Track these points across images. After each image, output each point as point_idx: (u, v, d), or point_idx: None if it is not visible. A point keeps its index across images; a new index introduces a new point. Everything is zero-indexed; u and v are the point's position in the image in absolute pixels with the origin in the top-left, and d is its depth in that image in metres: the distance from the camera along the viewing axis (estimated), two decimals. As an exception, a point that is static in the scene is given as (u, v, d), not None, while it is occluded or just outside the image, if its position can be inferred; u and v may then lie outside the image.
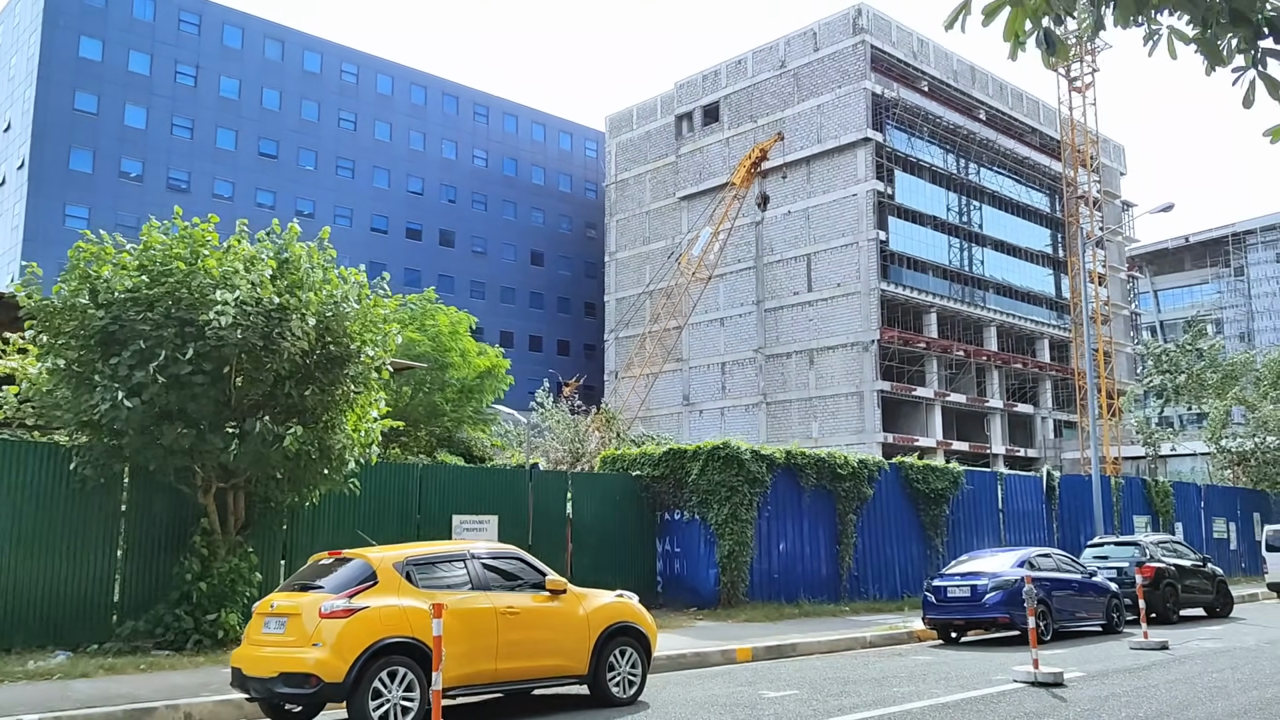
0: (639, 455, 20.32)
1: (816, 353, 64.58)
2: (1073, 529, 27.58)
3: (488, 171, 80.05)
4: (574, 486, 18.76)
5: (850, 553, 21.08)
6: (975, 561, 17.11)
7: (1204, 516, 32.94)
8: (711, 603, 18.80)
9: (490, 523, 17.25)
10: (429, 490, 16.71)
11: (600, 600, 10.24)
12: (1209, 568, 21.40)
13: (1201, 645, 15.36)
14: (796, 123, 66.93)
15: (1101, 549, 20.76)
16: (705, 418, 69.79)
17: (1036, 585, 15.89)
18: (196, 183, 65.34)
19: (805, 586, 20.11)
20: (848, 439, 61.13)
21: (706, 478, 18.96)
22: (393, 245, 73.57)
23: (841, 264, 63.99)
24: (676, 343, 69.09)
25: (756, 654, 14.70)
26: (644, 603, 19.42)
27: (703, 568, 19.12)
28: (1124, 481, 29.90)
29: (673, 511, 19.75)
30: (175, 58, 65.51)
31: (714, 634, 16.08)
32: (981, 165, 71.55)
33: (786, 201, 66.96)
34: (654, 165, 76.37)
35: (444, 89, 78.72)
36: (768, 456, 19.55)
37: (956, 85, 71.20)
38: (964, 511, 23.99)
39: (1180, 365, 39.84)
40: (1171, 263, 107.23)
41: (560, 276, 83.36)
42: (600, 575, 18.53)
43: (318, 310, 12.99)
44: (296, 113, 70.35)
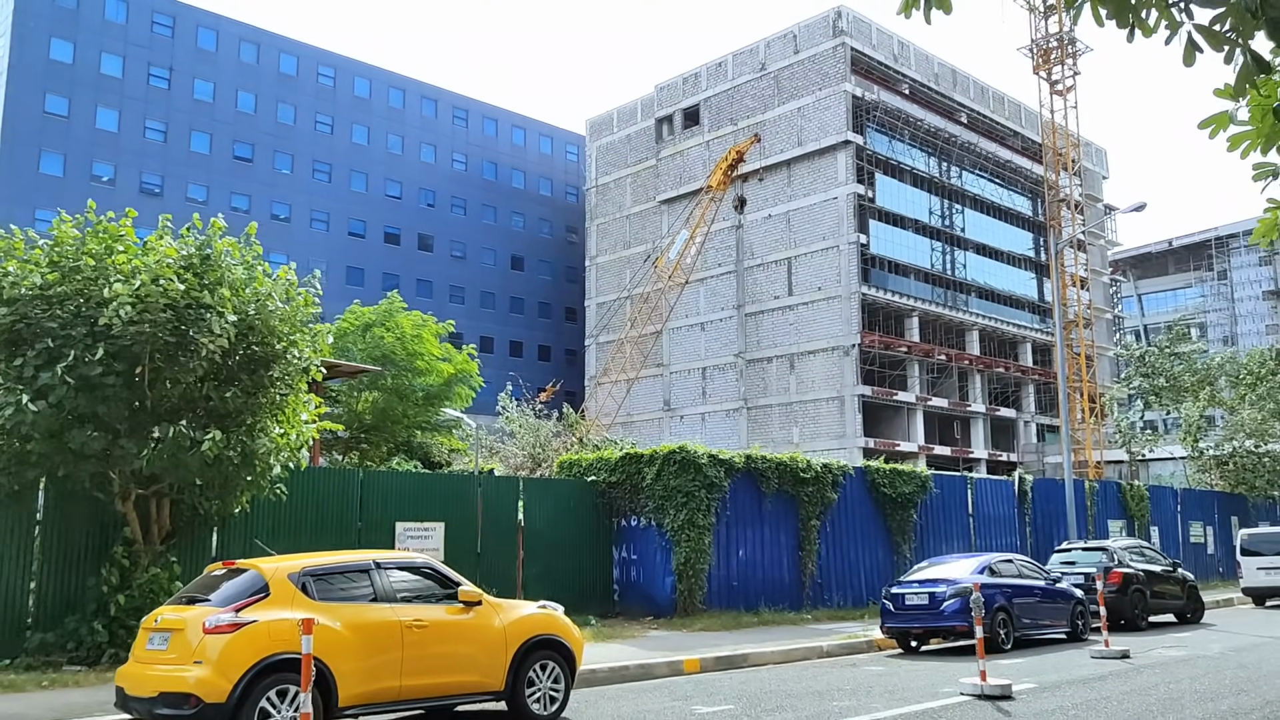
0: (595, 460, 19.79)
1: (797, 357, 64.15)
2: (1046, 534, 27.13)
3: (467, 175, 79.49)
4: (526, 492, 18.21)
5: (813, 559, 20.56)
6: (935, 568, 16.61)
7: (1180, 520, 32.54)
8: (668, 611, 18.26)
9: (436, 530, 16.68)
10: (371, 497, 16.14)
11: (519, 612, 9.69)
12: (1179, 573, 20.95)
13: (1165, 654, 14.88)
14: (777, 125, 66.56)
15: (1069, 554, 20.29)
16: (686, 423, 69.25)
17: (997, 592, 15.45)
18: (170, 186, 64.63)
19: (766, 594, 19.59)
20: (829, 444, 60.69)
21: (662, 483, 18.43)
22: (370, 250, 72.95)
23: (822, 268, 63.61)
24: (654, 348, 68.66)
25: (705, 665, 14.17)
26: (600, 612, 19.08)
27: (659, 575, 18.58)
28: (1098, 485, 29.47)
29: (629, 518, 19.22)
30: (148, 60, 64.83)
31: (665, 644, 15.53)
32: (963, 168, 71.27)
33: (767, 205, 66.58)
34: (634, 169, 75.93)
35: (423, 92, 78.17)
36: (726, 461, 19.03)
37: (938, 88, 70.97)
38: (933, 516, 23.50)
39: (1158, 368, 39.48)
40: (1155, 266, 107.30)
41: (541, 281, 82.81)
42: (552, 583, 18.03)
43: (238, 308, 12.40)
44: (272, 116, 69.70)
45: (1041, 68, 65.83)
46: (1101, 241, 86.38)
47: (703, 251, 64.70)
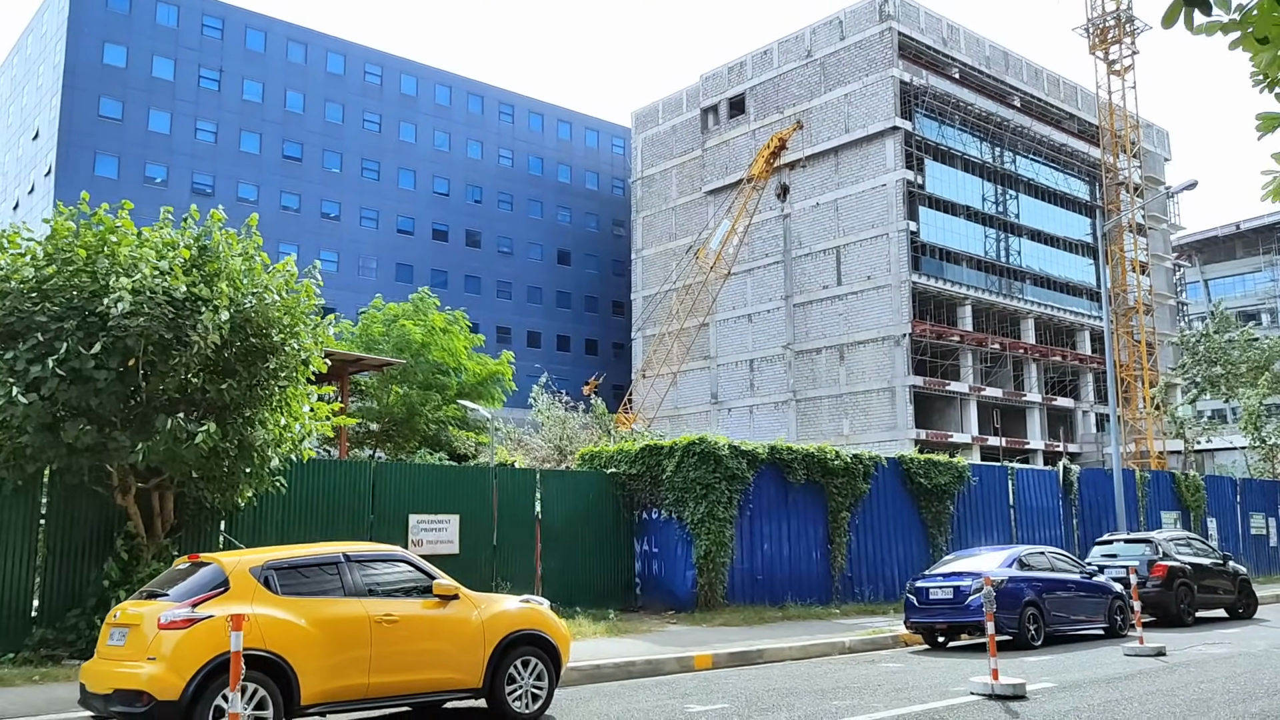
0: (616, 452, 19.43)
1: (847, 348, 63.21)
2: (1094, 526, 26.20)
3: (513, 171, 79.56)
4: (543, 485, 17.90)
5: (843, 552, 20.00)
6: (962, 561, 16.01)
7: (1240, 512, 31.32)
8: (689, 605, 17.86)
9: (450, 523, 16.46)
10: (384, 489, 15.96)
11: (500, 606, 9.37)
12: (1230, 566, 20.04)
13: (1204, 651, 14.15)
14: (824, 113, 65.60)
15: (1111, 547, 19.50)
16: (734, 416, 68.67)
17: (1026, 586, 14.83)
18: (221, 186, 65.49)
19: (793, 588, 19.09)
20: (880, 436, 59.74)
21: (682, 475, 18.02)
22: (418, 246, 73.36)
23: (871, 256, 62.57)
24: (696, 340, 68.16)
25: (718, 661, 13.75)
26: (622, 606, 18.74)
27: (679, 569, 18.19)
28: (1150, 475, 28.44)
29: (650, 510, 18.83)
30: (199, 62, 65.75)
31: (680, 640, 15.14)
32: (1017, 153, 69.66)
33: (815, 193, 65.68)
34: (680, 160, 75.39)
35: (468, 88, 78.38)
36: (749, 452, 18.55)
37: (989, 71, 69.42)
38: (971, 508, 22.78)
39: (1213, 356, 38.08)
40: (1222, 251, 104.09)
41: (588, 275, 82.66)
42: (571, 577, 17.75)
43: (235, 301, 12.22)
44: (320, 115, 70.33)
45: (1098, 47, 63.94)
46: (1164, 225, 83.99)
47: (746, 242, 64.01)
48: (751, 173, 55.99)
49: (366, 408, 24.15)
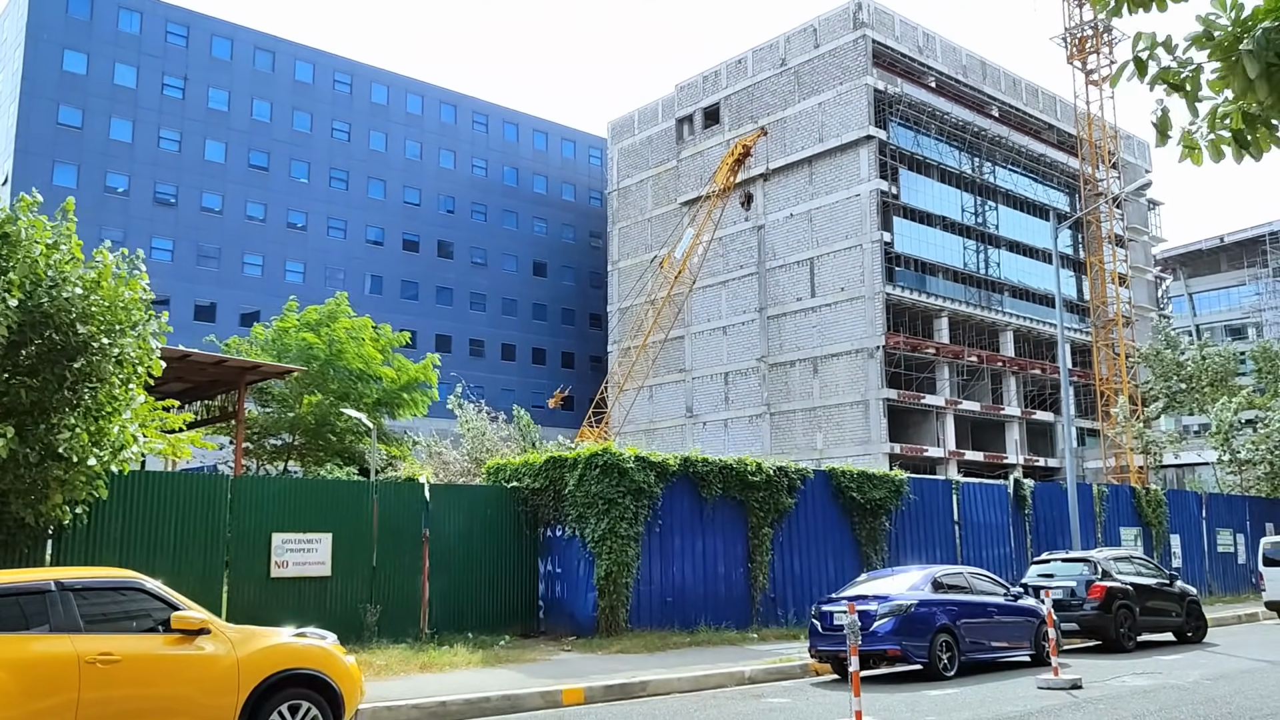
0: (520, 464, 18.14)
1: (820, 360, 62.01)
2: (1049, 543, 24.89)
3: (487, 181, 78.43)
4: (433, 499, 16.60)
5: (765, 572, 18.70)
6: (873, 582, 14.72)
7: (1206, 528, 30.05)
8: (590, 630, 16.54)
9: (321, 542, 15.15)
10: (244, 505, 14.66)
11: (263, 642, 8.06)
12: (1178, 586, 18.75)
13: (1126, 684, 12.84)
14: (798, 122, 64.58)
15: (1048, 566, 18.21)
16: (709, 430, 67.41)
17: (939, 610, 13.54)
18: (184, 196, 64.30)
19: (709, 610, 17.77)
20: (853, 450, 58.47)
21: (584, 489, 16.74)
22: (388, 258, 72.12)
23: (845, 267, 61.44)
24: (670, 353, 66.99)
25: (592, 695, 12.43)
26: (524, 631, 17.36)
27: (581, 590, 16.88)
28: (1108, 490, 27.16)
29: (554, 527, 17.55)
30: (162, 70, 64.61)
31: (563, 669, 13.82)
32: (995, 163, 68.68)
33: (789, 204, 64.60)
34: (655, 170, 74.34)
35: (441, 97, 77.31)
36: (658, 464, 17.26)
37: (966, 81, 68.48)
38: (909, 524, 21.49)
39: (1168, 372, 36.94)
40: (1206, 264, 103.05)
41: (564, 288, 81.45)
42: (462, 600, 16.44)
43: (29, 292, 10.95)
44: (288, 124, 69.18)
45: (1076, 57, 63.25)
46: (1145, 238, 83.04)
47: (721, 253, 62.96)
48: (715, 180, 54.80)
49: (278, 418, 22.87)
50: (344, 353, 23.48)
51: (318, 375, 23.16)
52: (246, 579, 14.43)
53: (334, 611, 15.11)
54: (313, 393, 23.14)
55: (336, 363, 23.32)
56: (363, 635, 14.88)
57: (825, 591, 19.54)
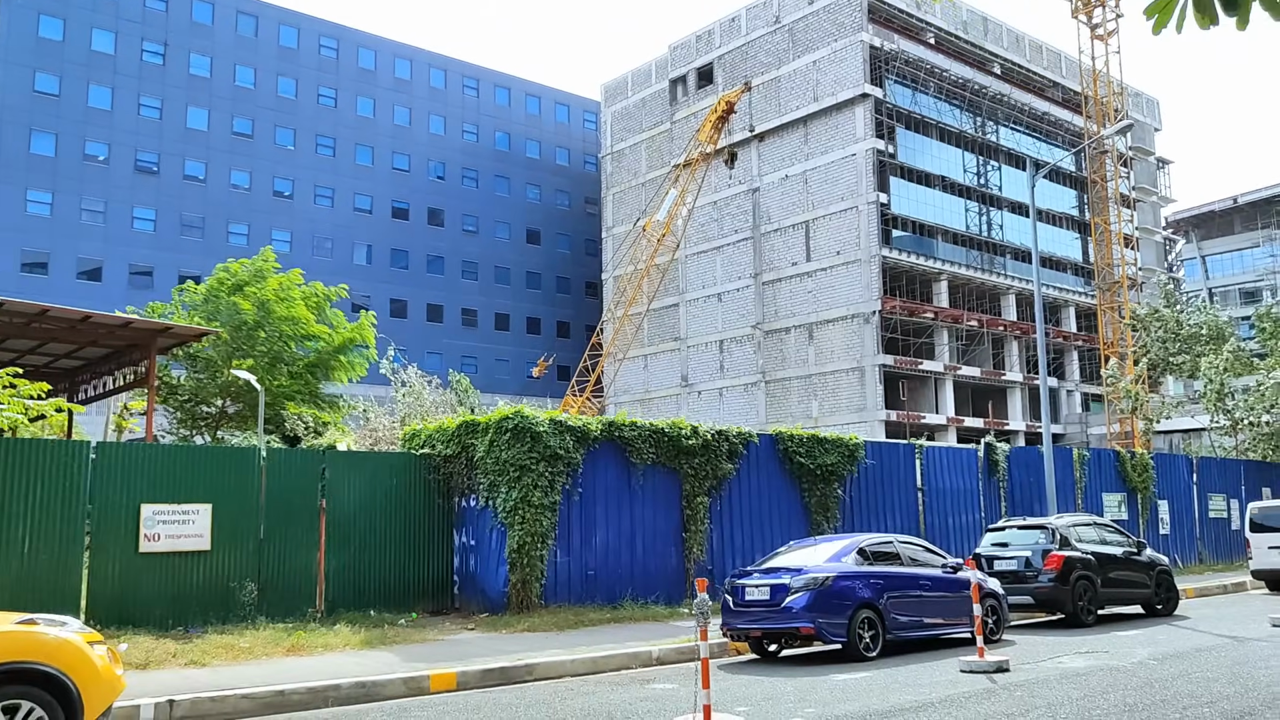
0: (434, 430, 16.91)
1: (816, 326, 60.55)
2: (1025, 511, 23.54)
3: (479, 147, 76.91)
4: (331, 468, 15.38)
5: (701, 543, 17.44)
6: (793, 553, 13.42)
7: (1197, 493, 28.62)
8: (502, 607, 15.35)
9: (200, 513, 13.96)
10: (109, 474, 13.46)
11: (-23, 630, 6.83)
12: (1146, 555, 17.41)
13: (1060, 666, 11.54)
14: (792, 81, 62.81)
15: (1003, 534, 16.89)
16: (704, 399, 66.17)
17: (862, 583, 12.26)
18: (166, 164, 63.13)
19: (637, 585, 16.54)
20: (849, 417, 57.17)
21: (494, 455, 15.50)
22: (378, 226, 70.85)
23: (841, 230, 59.82)
24: (655, 323, 65.76)
25: (465, 680, 11.23)
26: (435, 608, 16.14)
27: (493, 564, 15.67)
28: (1089, 454, 25.76)
29: (468, 497, 16.33)
30: (142, 35, 63.29)
31: (453, 651, 12.62)
32: (998, 122, 66.68)
33: (784, 165, 62.96)
34: (649, 134, 72.67)
35: (430, 62, 75.70)
36: (577, 428, 15.99)
37: (966, 37, 66.43)
38: (867, 491, 20.18)
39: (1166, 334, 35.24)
40: (1219, 226, 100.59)
41: (559, 255, 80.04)
42: (365, 575, 15.30)
43: None
44: (273, 90, 67.80)
45: (1081, 11, 60.99)
46: (1154, 198, 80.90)
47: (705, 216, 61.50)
48: (699, 138, 53.16)
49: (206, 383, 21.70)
50: (273, 313, 22.25)
51: (246, 338, 21.98)
52: (111, 554, 13.27)
53: (213, 588, 13.96)
54: (243, 357, 21.96)
55: (267, 323, 22.11)
56: (238, 614, 13.72)
57: (769, 563, 18.31)
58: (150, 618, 13.23)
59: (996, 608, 14.01)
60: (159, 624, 13.24)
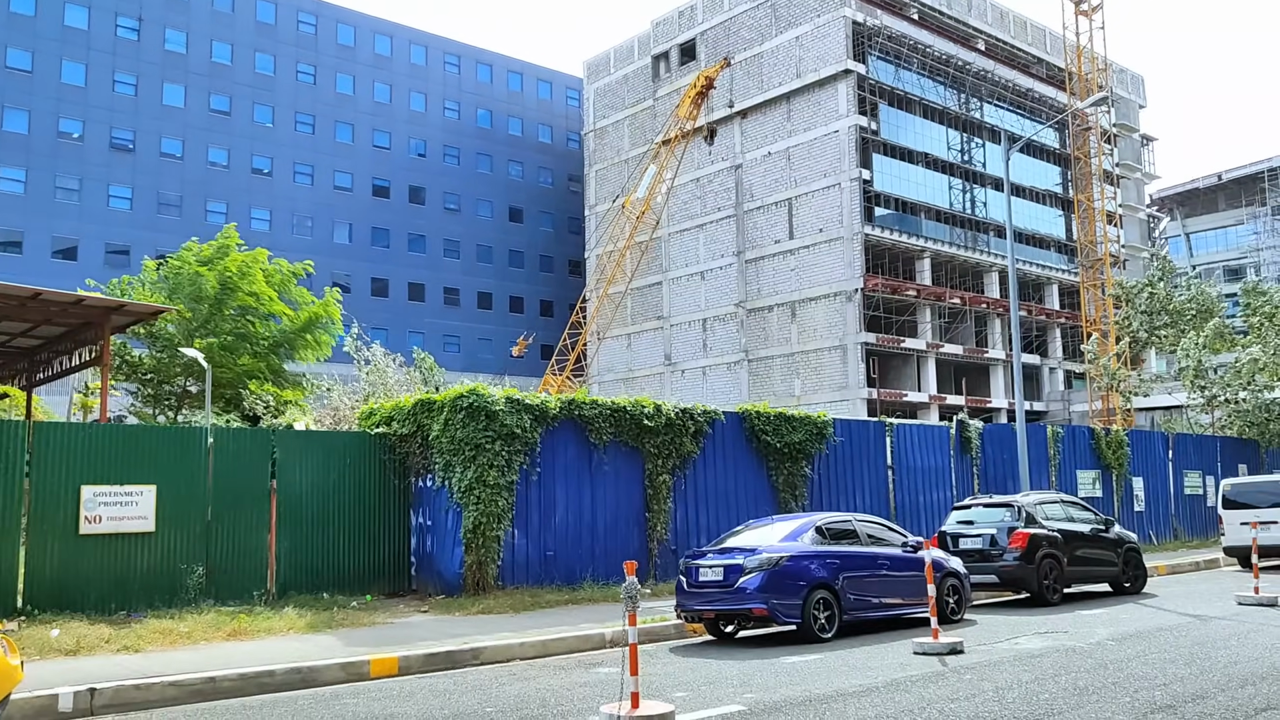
0: (391, 409, 16.58)
1: (799, 305, 60.27)
2: (1000, 488, 23.37)
3: (460, 124, 76.19)
4: (282, 448, 15.05)
5: (664, 523, 17.19)
6: (749, 533, 13.16)
7: (1173, 470, 28.50)
8: (458, 589, 15.07)
9: (144, 494, 13.62)
10: (48, 454, 13.10)
11: None
12: (1114, 532, 17.21)
13: (1016, 647, 11.31)
14: (774, 57, 62.26)
15: (969, 512, 16.66)
16: (687, 378, 65.92)
17: (817, 563, 12.00)
18: (142, 141, 62.37)
19: (598, 565, 16.28)
20: (831, 396, 56.99)
21: (449, 434, 15.18)
22: (358, 204, 70.19)
23: (824, 208, 59.46)
24: (638, 301, 65.47)
25: (408, 665, 10.95)
26: (391, 590, 15.83)
27: (448, 545, 15.38)
28: (1063, 431, 25.56)
29: (424, 477, 16.01)
30: (115, 10, 62.37)
31: (401, 635, 12.34)
32: (982, 99, 66.25)
33: (766, 142, 62.49)
34: (632, 110, 72.02)
35: (411, 38, 74.84)
36: (535, 407, 15.67)
37: (950, 13, 65.97)
38: (835, 470, 19.94)
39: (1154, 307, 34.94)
40: (1204, 203, 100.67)
41: (542, 234, 79.49)
42: (318, 558, 15.00)
43: None
44: (250, 66, 66.96)
45: (1063, -19, 60.59)
46: (1138, 175, 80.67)
47: (688, 194, 61.00)
48: (678, 114, 52.67)
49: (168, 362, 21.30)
50: (236, 289, 21.82)
51: (208, 315, 21.56)
52: (49, 537, 12.94)
53: (158, 571, 13.64)
54: (206, 335, 21.54)
55: (230, 301, 21.69)
56: (183, 598, 13.41)
57: (734, 543, 18.06)
58: (91, 602, 12.92)
59: (958, 587, 13.78)
60: (101, 608, 12.94)
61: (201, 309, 21.67)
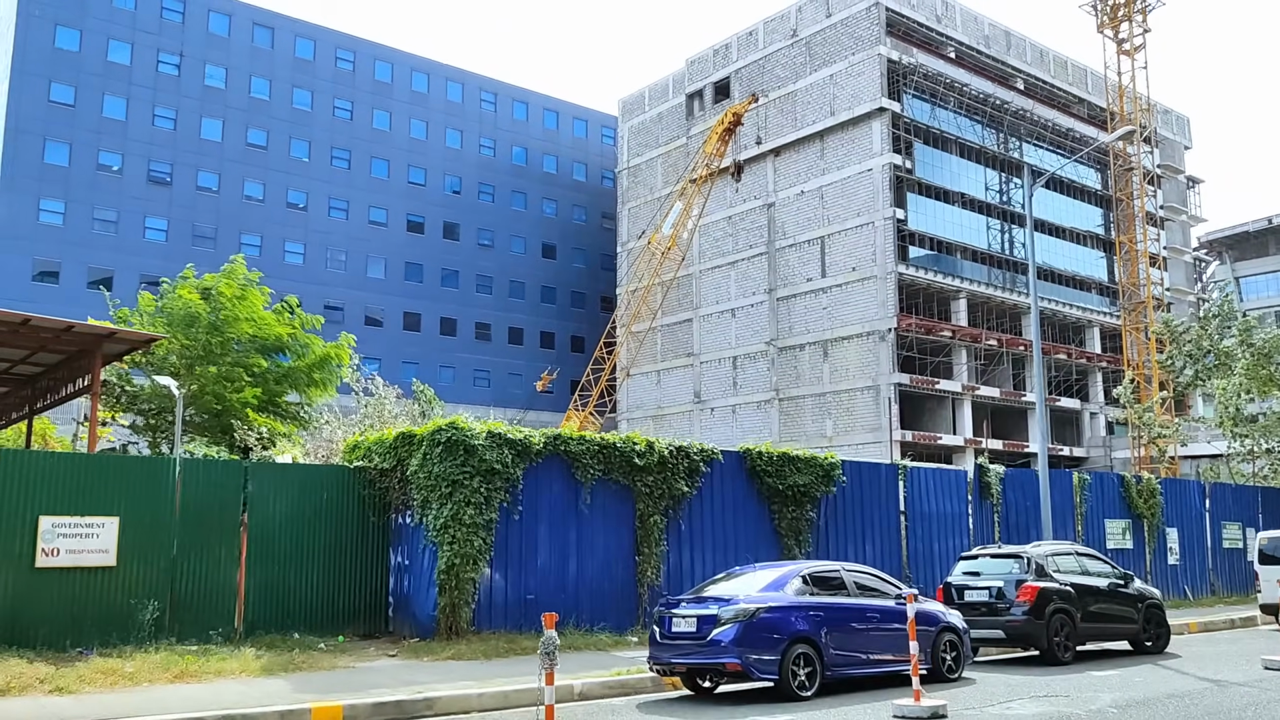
0: (374, 442, 16.03)
1: (830, 344, 59.33)
2: (1023, 537, 22.30)
3: (495, 161, 76.43)
4: (254, 480, 14.54)
5: (655, 567, 16.42)
6: (730, 581, 12.39)
7: (1210, 521, 27.21)
8: (431, 631, 14.40)
9: (105, 527, 13.15)
10: (5, 483, 12.68)
11: None
12: (1134, 588, 16.17)
13: (1004, 713, 10.40)
14: (809, 95, 61.86)
15: (975, 563, 15.73)
16: (716, 416, 65.13)
17: (799, 615, 11.21)
18: (179, 175, 63.11)
19: (584, 610, 15.54)
20: (863, 437, 55.92)
21: (426, 469, 14.59)
22: (392, 239, 70.46)
23: (857, 246, 58.67)
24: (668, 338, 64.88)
25: (355, 715, 10.33)
26: (367, 631, 15.18)
27: (423, 586, 14.74)
28: (1090, 477, 24.46)
29: (404, 513, 15.42)
30: (158, 46, 63.38)
31: (360, 681, 11.70)
32: (1021, 139, 65.31)
33: (800, 180, 61.96)
34: (666, 148, 71.89)
35: (448, 75, 75.42)
36: (517, 441, 15.04)
37: (989, 52, 65.23)
38: (843, 514, 19.07)
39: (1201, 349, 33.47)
40: (1254, 247, 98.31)
41: (574, 270, 79.34)
42: (291, 595, 14.43)
43: None
44: (287, 101, 67.71)
45: (1107, 25, 59.73)
46: (1184, 217, 79.03)
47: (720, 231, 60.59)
48: (705, 150, 52.30)
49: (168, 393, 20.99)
50: (236, 317, 21.51)
51: (206, 345, 21.26)
52: (3, 569, 12.49)
53: (117, 607, 13.12)
54: (206, 365, 21.23)
55: (226, 330, 21.38)
56: (140, 635, 12.86)
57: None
58: (44, 638, 12.43)
59: (956, 643, 12.90)
60: (54, 644, 12.43)
61: (199, 337, 21.36)
